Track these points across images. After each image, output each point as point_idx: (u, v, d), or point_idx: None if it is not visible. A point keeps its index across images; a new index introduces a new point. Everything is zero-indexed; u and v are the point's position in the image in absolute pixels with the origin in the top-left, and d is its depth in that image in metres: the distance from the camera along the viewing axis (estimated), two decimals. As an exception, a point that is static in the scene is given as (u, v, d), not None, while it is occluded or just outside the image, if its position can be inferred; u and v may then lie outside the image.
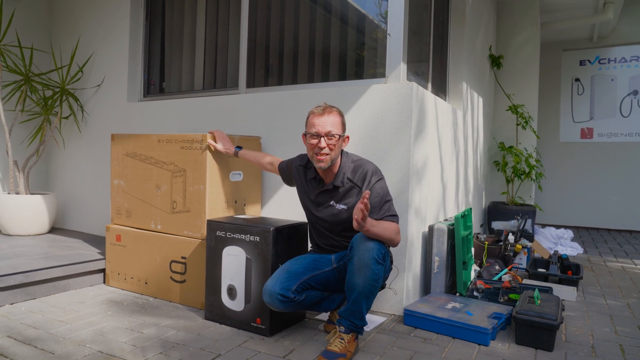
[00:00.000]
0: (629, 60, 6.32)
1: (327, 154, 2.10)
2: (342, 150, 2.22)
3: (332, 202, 2.20)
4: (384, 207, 2.07)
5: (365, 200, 1.80)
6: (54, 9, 4.51)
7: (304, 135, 2.18)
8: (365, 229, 1.90)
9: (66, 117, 4.24)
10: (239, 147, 2.69)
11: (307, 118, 2.17)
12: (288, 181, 2.50)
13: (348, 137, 2.25)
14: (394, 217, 2.08)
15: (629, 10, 6.13)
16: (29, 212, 3.81)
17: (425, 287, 2.91)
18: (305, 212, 2.35)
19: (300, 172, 2.33)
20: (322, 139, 2.09)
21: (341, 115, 2.18)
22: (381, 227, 1.98)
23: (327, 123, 2.10)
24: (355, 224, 1.88)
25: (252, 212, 2.98)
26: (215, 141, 2.63)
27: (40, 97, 4.10)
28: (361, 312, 2.01)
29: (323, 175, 2.22)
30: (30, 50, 4.05)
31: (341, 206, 2.17)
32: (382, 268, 1.98)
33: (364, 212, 1.83)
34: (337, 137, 2.11)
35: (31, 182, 4.26)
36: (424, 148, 2.84)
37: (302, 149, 2.54)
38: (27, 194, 3.90)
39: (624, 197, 6.31)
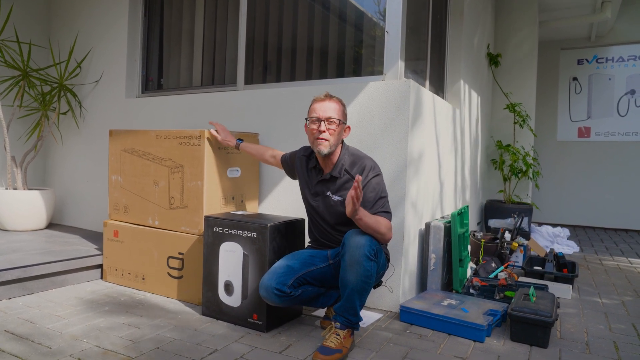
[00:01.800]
0: (626, 60, 6.33)
1: (327, 140, 2.12)
2: (342, 142, 2.24)
3: (328, 193, 2.21)
4: (378, 203, 2.08)
5: (356, 184, 1.81)
6: (53, 4, 4.50)
7: (306, 123, 2.20)
8: (358, 217, 1.92)
9: (64, 113, 4.23)
10: (240, 140, 2.70)
11: (310, 106, 2.20)
12: (291, 173, 2.51)
13: (349, 127, 2.28)
14: (387, 213, 2.09)
15: (627, 9, 6.13)
16: (27, 207, 3.81)
17: (422, 284, 2.93)
18: (305, 205, 2.36)
19: (303, 162, 2.35)
20: (323, 123, 2.11)
21: (343, 104, 2.21)
22: (373, 219, 1.99)
23: (329, 109, 2.13)
24: (348, 208, 1.88)
25: (249, 208, 2.98)
26: (217, 132, 2.65)
27: (38, 92, 4.09)
28: (355, 309, 2.02)
29: (323, 164, 2.23)
30: (28, 46, 4.05)
31: (337, 198, 2.18)
32: (375, 265, 1.98)
33: (357, 193, 1.83)
34: (338, 122, 2.14)
35: (29, 177, 4.26)
36: (421, 145, 2.85)
37: (300, 145, 2.55)
38: (24, 189, 3.90)
39: (621, 196, 6.33)
